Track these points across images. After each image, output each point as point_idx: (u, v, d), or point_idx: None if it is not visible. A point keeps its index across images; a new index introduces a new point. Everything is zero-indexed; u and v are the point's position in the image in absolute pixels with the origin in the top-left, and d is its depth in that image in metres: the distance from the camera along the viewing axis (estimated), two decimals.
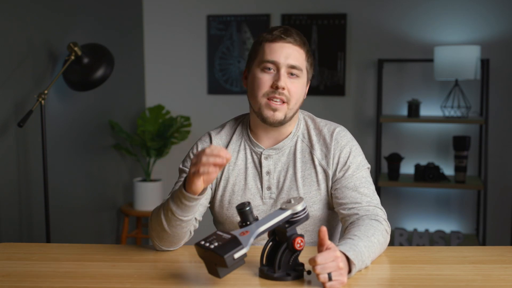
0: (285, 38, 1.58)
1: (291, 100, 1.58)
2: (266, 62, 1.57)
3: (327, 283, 1.23)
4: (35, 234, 2.78)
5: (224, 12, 4.02)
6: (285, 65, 1.56)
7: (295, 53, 1.58)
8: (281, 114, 1.58)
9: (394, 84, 3.89)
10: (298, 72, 1.58)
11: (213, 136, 1.70)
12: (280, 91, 1.56)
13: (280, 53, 1.56)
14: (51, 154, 2.79)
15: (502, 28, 3.74)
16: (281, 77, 1.55)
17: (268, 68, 1.57)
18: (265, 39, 1.60)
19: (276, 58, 1.56)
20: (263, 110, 1.58)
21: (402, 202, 3.96)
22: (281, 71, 1.56)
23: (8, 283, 1.34)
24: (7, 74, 2.60)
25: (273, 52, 1.57)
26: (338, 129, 1.66)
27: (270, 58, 1.56)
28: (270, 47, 1.58)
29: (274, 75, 1.57)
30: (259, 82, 1.58)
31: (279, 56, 1.56)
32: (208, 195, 1.65)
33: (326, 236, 1.27)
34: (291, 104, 1.58)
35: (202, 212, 1.65)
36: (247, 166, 1.66)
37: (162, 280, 1.35)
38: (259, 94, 1.58)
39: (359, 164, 1.62)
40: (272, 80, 1.56)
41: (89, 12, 3.31)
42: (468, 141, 3.64)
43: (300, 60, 1.58)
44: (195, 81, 4.11)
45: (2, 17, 2.56)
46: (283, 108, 1.57)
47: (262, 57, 1.58)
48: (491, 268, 1.42)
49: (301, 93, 1.61)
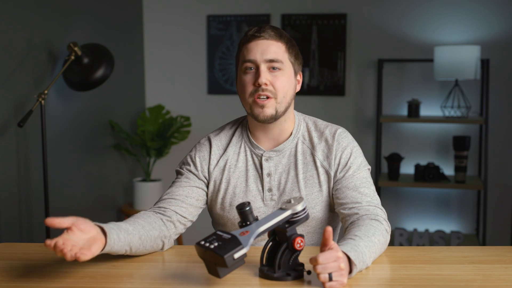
0: (259, 36, 1.59)
1: (278, 94, 1.58)
2: (245, 62, 1.59)
3: (327, 283, 1.23)
4: (35, 234, 2.78)
5: (224, 12, 4.02)
6: (263, 61, 1.58)
7: (271, 47, 1.59)
8: (270, 109, 1.58)
9: (394, 84, 3.89)
10: (279, 65, 1.59)
11: (212, 139, 1.70)
12: (263, 87, 1.57)
13: (256, 50, 1.58)
14: (51, 154, 2.79)
15: (502, 28, 3.74)
16: (261, 73, 1.57)
17: (249, 67, 1.59)
18: (242, 42, 1.63)
19: (252, 56, 1.58)
20: (253, 109, 1.59)
21: (402, 202, 3.96)
22: (260, 67, 1.58)
23: (8, 283, 1.34)
24: (7, 74, 2.60)
25: (250, 51, 1.59)
26: (340, 131, 1.66)
27: (247, 57, 1.59)
28: (247, 48, 1.60)
29: (255, 74, 1.58)
30: (243, 84, 1.60)
31: (255, 53, 1.58)
32: (200, 197, 1.65)
33: (331, 237, 1.27)
34: (279, 98, 1.58)
35: (194, 213, 1.64)
36: (247, 168, 1.66)
37: (162, 280, 1.35)
38: (246, 95, 1.60)
39: (360, 165, 1.62)
40: (254, 79, 1.58)
41: (89, 12, 3.31)
42: (468, 141, 3.64)
43: (278, 53, 1.59)
44: (195, 81, 4.11)
45: (2, 17, 2.56)
46: (270, 103, 1.58)
47: (242, 58, 1.61)
48: (491, 268, 1.42)
49: (289, 86, 1.61)
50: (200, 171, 1.67)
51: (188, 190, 1.64)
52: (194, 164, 1.68)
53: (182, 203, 1.61)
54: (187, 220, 1.62)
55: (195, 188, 1.65)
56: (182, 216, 1.60)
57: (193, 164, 1.68)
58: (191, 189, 1.64)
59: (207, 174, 1.67)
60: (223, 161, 1.67)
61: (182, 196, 1.62)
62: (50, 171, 2.74)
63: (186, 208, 1.62)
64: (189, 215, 1.63)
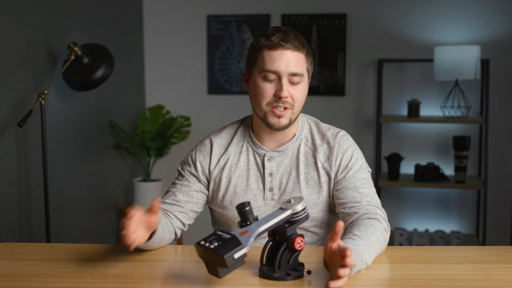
0: (284, 45, 1.56)
1: (295, 105, 1.59)
2: (267, 72, 1.56)
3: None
4: (35, 234, 2.79)
5: (224, 12, 4.02)
6: (286, 74, 1.56)
7: (295, 58, 1.57)
8: (286, 119, 1.59)
9: (394, 84, 3.89)
10: (300, 78, 1.58)
11: (213, 138, 1.71)
12: (284, 100, 1.56)
13: (280, 61, 1.55)
14: (51, 154, 2.79)
15: (502, 28, 3.74)
16: (283, 86, 1.55)
17: (269, 77, 1.57)
18: (264, 45, 1.58)
19: (276, 68, 1.55)
20: (268, 118, 1.59)
21: (402, 202, 3.96)
22: (283, 80, 1.56)
23: (8, 283, 1.34)
24: (7, 74, 2.60)
25: (273, 61, 1.55)
26: (341, 133, 1.68)
27: (270, 68, 1.55)
28: (270, 56, 1.56)
29: (276, 84, 1.57)
30: (261, 91, 1.58)
31: (279, 65, 1.55)
32: (200, 200, 1.69)
33: (341, 232, 1.28)
34: (295, 109, 1.60)
35: (192, 217, 1.70)
36: (249, 167, 1.67)
37: (162, 280, 1.35)
38: (263, 103, 1.58)
39: (361, 167, 1.64)
40: (274, 89, 1.57)
41: (89, 12, 3.31)
42: (468, 141, 3.64)
43: (300, 65, 1.58)
44: (195, 81, 4.11)
45: (2, 17, 2.56)
46: (287, 114, 1.59)
47: (263, 65, 1.57)
48: (491, 268, 1.42)
49: (304, 96, 1.62)
50: (200, 172, 1.68)
51: (188, 195, 1.68)
52: (194, 165, 1.69)
53: (183, 209, 1.67)
54: (184, 226, 1.69)
55: (195, 192, 1.68)
56: (181, 222, 1.67)
57: (193, 165, 1.69)
58: (191, 193, 1.68)
59: (207, 173, 1.69)
60: (223, 160, 1.68)
61: (182, 202, 1.67)
62: (50, 171, 2.74)
63: (186, 213, 1.68)
64: (187, 220, 1.69)
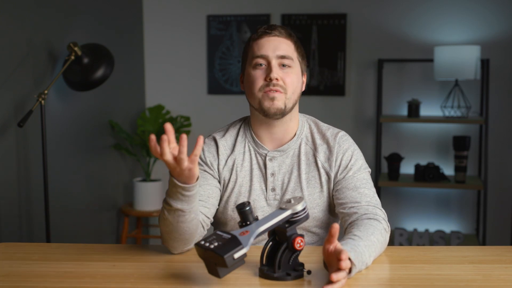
0: (270, 32, 1.62)
1: (288, 90, 1.59)
2: (256, 58, 1.60)
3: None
4: (35, 234, 2.78)
5: (224, 12, 4.02)
6: (275, 57, 1.59)
7: (282, 44, 1.61)
8: (280, 102, 1.59)
9: (394, 84, 3.89)
10: (289, 62, 1.60)
11: (217, 139, 1.71)
12: (275, 82, 1.58)
13: (267, 46, 1.60)
14: (51, 154, 2.79)
15: (502, 28, 3.74)
16: (272, 68, 1.58)
17: (259, 64, 1.60)
18: (252, 38, 1.65)
19: (264, 52, 1.60)
20: (262, 103, 1.59)
21: (402, 202, 3.96)
22: (272, 63, 1.59)
23: (8, 283, 1.34)
24: (7, 74, 2.60)
25: (261, 47, 1.61)
26: (341, 134, 1.68)
27: (259, 53, 1.60)
28: (258, 44, 1.62)
29: (266, 69, 1.60)
30: (253, 79, 1.61)
31: (267, 49, 1.60)
32: (218, 196, 1.65)
33: (337, 234, 1.28)
34: (288, 93, 1.59)
35: (213, 213, 1.64)
36: (252, 167, 1.67)
37: (162, 280, 1.35)
38: (255, 89, 1.60)
39: (360, 167, 1.64)
40: (265, 74, 1.59)
41: (89, 12, 3.31)
42: (468, 141, 3.64)
43: (289, 50, 1.61)
44: (195, 81, 4.11)
45: (2, 17, 2.56)
46: (281, 97, 1.59)
47: (252, 54, 1.62)
48: (491, 268, 1.42)
49: (297, 84, 1.62)
50: (213, 170, 1.67)
51: (209, 189, 1.63)
52: (205, 164, 1.67)
53: (206, 203, 1.61)
54: (210, 220, 1.62)
55: (213, 188, 1.64)
56: (206, 217, 1.60)
57: (204, 164, 1.67)
58: (211, 188, 1.63)
59: (218, 173, 1.67)
60: (231, 161, 1.67)
61: (205, 196, 1.61)
62: (50, 171, 2.74)
63: (210, 208, 1.61)
64: (211, 215, 1.62)
